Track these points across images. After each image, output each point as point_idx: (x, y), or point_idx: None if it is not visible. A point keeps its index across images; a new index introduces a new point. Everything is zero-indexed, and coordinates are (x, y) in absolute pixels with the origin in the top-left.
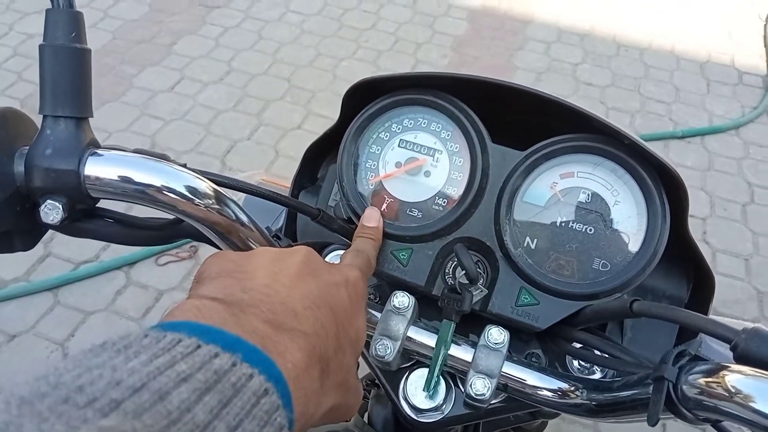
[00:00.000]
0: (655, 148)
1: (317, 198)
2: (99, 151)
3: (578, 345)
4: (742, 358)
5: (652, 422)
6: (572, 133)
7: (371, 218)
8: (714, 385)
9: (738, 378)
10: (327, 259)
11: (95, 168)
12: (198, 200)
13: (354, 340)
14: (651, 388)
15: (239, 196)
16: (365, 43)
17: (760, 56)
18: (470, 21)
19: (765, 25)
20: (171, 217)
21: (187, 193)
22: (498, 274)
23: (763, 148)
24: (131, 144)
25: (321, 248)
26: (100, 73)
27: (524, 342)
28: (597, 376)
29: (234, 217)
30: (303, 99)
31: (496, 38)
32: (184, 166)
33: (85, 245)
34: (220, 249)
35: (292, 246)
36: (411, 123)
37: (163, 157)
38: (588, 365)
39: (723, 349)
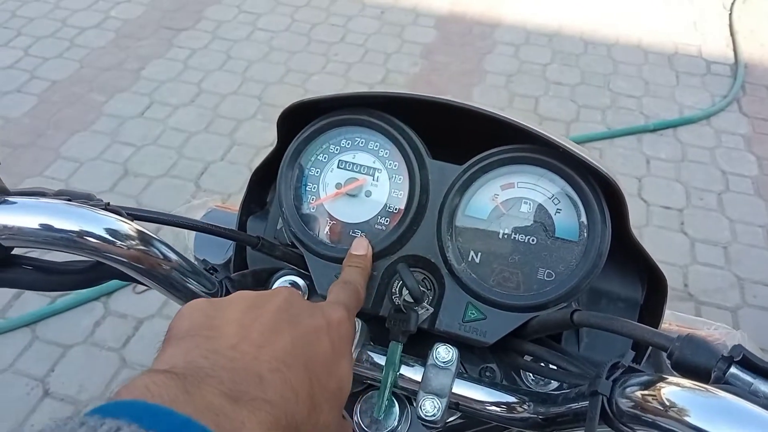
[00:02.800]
0: (629, 143)
1: (266, 223)
2: (9, 198)
3: (529, 357)
4: (677, 366)
5: None
6: (510, 145)
7: (359, 247)
8: (649, 398)
9: (673, 390)
10: (276, 284)
11: (3, 217)
12: (119, 242)
13: (335, 391)
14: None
15: (187, 233)
16: (335, 57)
17: (726, 45)
18: (438, 28)
19: (729, 14)
20: (92, 259)
21: (105, 236)
22: (444, 291)
23: (735, 136)
24: (103, 173)
25: (270, 274)
26: (68, 102)
27: (479, 357)
28: (553, 387)
29: (160, 256)
30: (275, 116)
31: (465, 44)
32: (107, 205)
33: None
34: (151, 288)
35: (229, 278)
36: (348, 143)
37: (87, 198)
38: (542, 378)
39: None
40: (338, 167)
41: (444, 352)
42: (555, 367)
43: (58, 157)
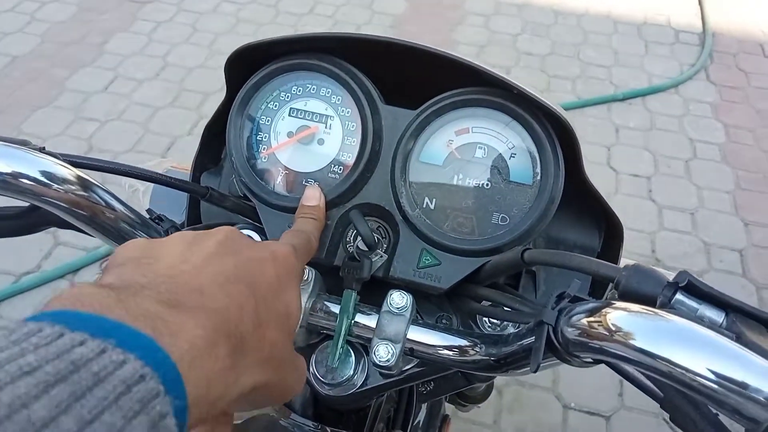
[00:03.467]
0: (599, 112)
1: (220, 178)
2: None
3: (487, 303)
4: (624, 295)
5: (533, 369)
6: (463, 88)
7: (311, 197)
8: (595, 324)
9: (618, 315)
10: None
11: None
12: (56, 186)
13: (283, 314)
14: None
15: (142, 194)
16: (303, 28)
17: (695, 14)
18: None
19: None
20: (26, 204)
21: (42, 179)
22: (399, 238)
23: (702, 104)
24: (67, 149)
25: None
26: (30, 79)
27: (436, 305)
28: (509, 331)
29: (102, 203)
30: None
31: (435, 14)
32: (42, 149)
33: (26, 255)
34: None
35: (177, 228)
36: (300, 90)
37: (23, 143)
38: (499, 322)
39: None
40: (289, 115)
41: (398, 298)
42: (509, 310)
43: (20, 134)
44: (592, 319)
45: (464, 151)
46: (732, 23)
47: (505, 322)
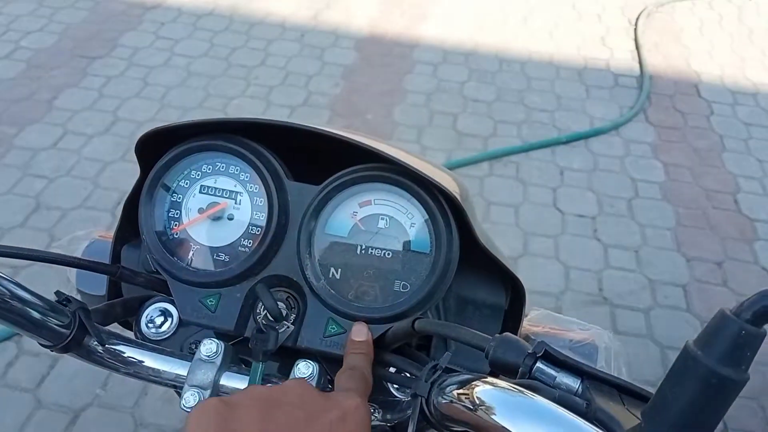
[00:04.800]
0: (543, 155)
1: (140, 251)
2: None
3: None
4: (493, 365)
5: None
6: (364, 164)
7: (359, 333)
8: (463, 397)
9: (483, 389)
10: (146, 312)
11: None
12: None
13: None
14: None
15: (71, 270)
16: (255, 80)
17: (633, 59)
18: (359, 50)
19: (635, 28)
20: None
21: None
22: (307, 308)
23: (642, 144)
24: (14, 207)
25: (141, 302)
26: None
27: None
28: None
29: (6, 293)
30: None
31: (385, 64)
32: None
33: None
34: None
35: (84, 309)
36: (209, 168)
37: None
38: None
39: None
40: (200, 192)
41: (304, 368)
42: (408, 376)
43: None
44: (461, 391)
45: (368, 222)
46: (669, 66)
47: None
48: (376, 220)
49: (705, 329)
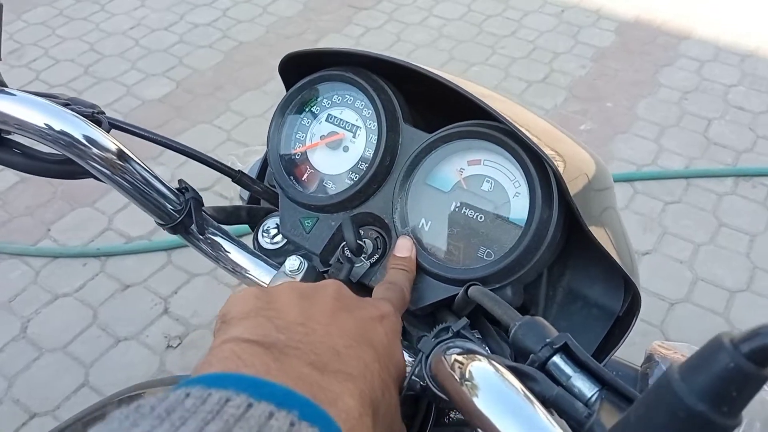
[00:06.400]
0: None
1: None
2: (10, 91)
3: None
4: (513, 346)
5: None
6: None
7: (403, 248)
8: (457, 366)
9: (478, 366)
10: (265, 223)
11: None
12: (90, 148)
13: (396, 377)
14: None
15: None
16: (501, 50)
17: None
18: (619, 33)
19: None
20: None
21: (80, 139)
22: (390, 251)
23: None
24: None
25: (266, 213)
26: (247, 63)
27: (422, 323)
28: None
29: (129, 168)
30: None
31: (644, 52)
32: (93, 113)
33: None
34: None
35: (197, 200)
36: (339, 99)
37: (91, 107)
38: None
39: None
40: (326, 120)
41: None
42: None
43: (227, 110)
44: (460, 359)
45: (472, 182)
46: None
47: None
48: (481, 181)
49: (695, 353)
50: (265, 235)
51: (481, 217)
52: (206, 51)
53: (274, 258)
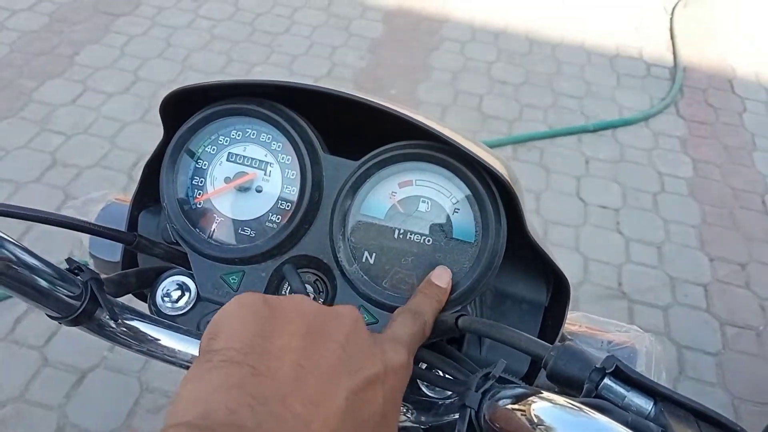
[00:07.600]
0: (569, 142)
1: (159, 218)
2: None
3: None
4: (551, 377)
5: None
6: (407, 140)
7: (441, 277)
8: (518, 413)
9: (543, 407)
10: (163, 285)
11: None
12: None
13: None
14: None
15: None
16: (279, 48)
17: (667, 49)
18: (386, 23)
19: (671, 18)
20: None
21: None
22: (336, 293)
23: (672, 138)
24: (30, 162)
25: (157, 274)
26: None
27: None
28: (447, 395)
29: (14, 259)
30: None
31: (412, 39)
32: None
33: None
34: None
35: (97, 280)
36: (239, 134)
37: None
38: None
39: None
40: (227, 160)
41: None
42: (442, 375)
43: None
44: (516, 406)
45: (407, 204)
46: (703, 58)
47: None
48: (416, 202)
49: None
50: (166, 299)
51: (428, 240)
52: None
53: (182, 324)
